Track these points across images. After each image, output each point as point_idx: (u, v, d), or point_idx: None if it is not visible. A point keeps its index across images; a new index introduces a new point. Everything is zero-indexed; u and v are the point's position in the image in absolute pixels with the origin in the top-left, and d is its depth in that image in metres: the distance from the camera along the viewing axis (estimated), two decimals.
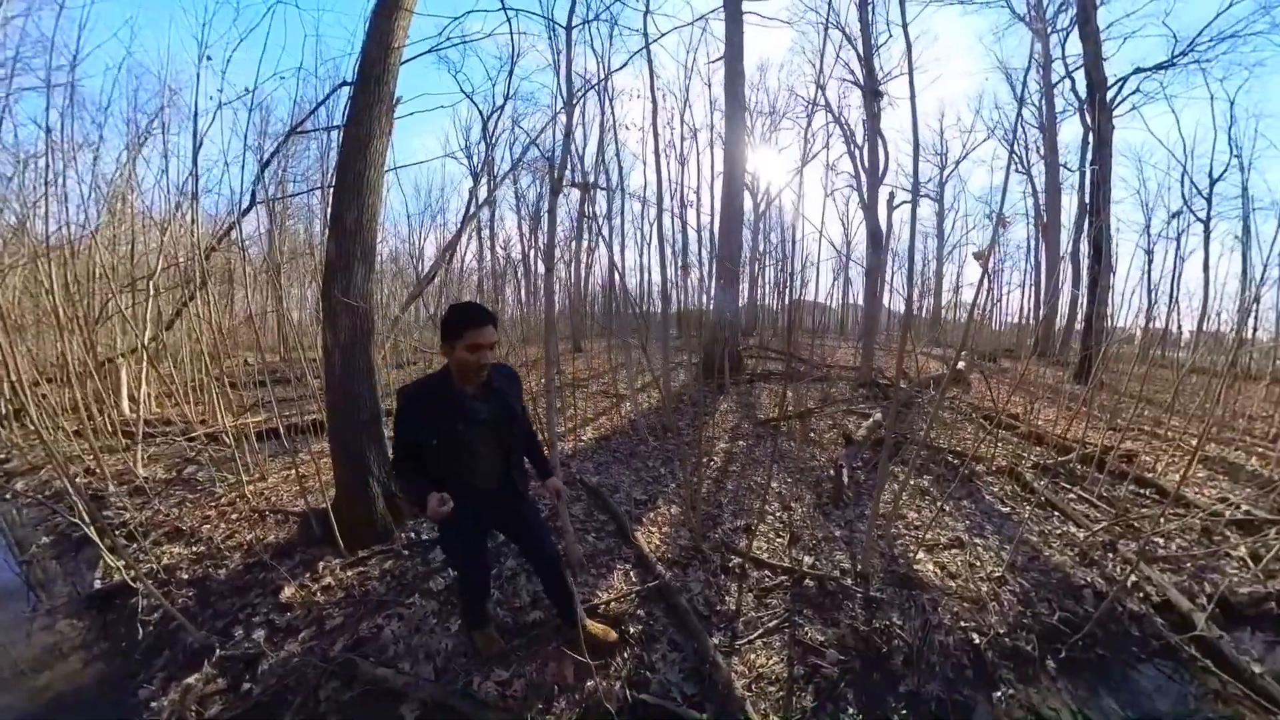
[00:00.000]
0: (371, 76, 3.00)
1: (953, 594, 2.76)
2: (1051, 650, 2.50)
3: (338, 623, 2.32)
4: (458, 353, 1.58)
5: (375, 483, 3.01)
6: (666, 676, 2.05)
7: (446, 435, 1.63)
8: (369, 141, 2.93)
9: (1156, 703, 2.36)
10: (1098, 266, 10.35)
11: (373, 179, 2.96)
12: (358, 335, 2.90)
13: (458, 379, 1.66)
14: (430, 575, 2.65)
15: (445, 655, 2.09)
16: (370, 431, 3.03)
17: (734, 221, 8.79)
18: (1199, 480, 4.67)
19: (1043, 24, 14.85)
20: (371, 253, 3.04)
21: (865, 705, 2.13)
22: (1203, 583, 3.12)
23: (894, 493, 4.04)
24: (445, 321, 1.59)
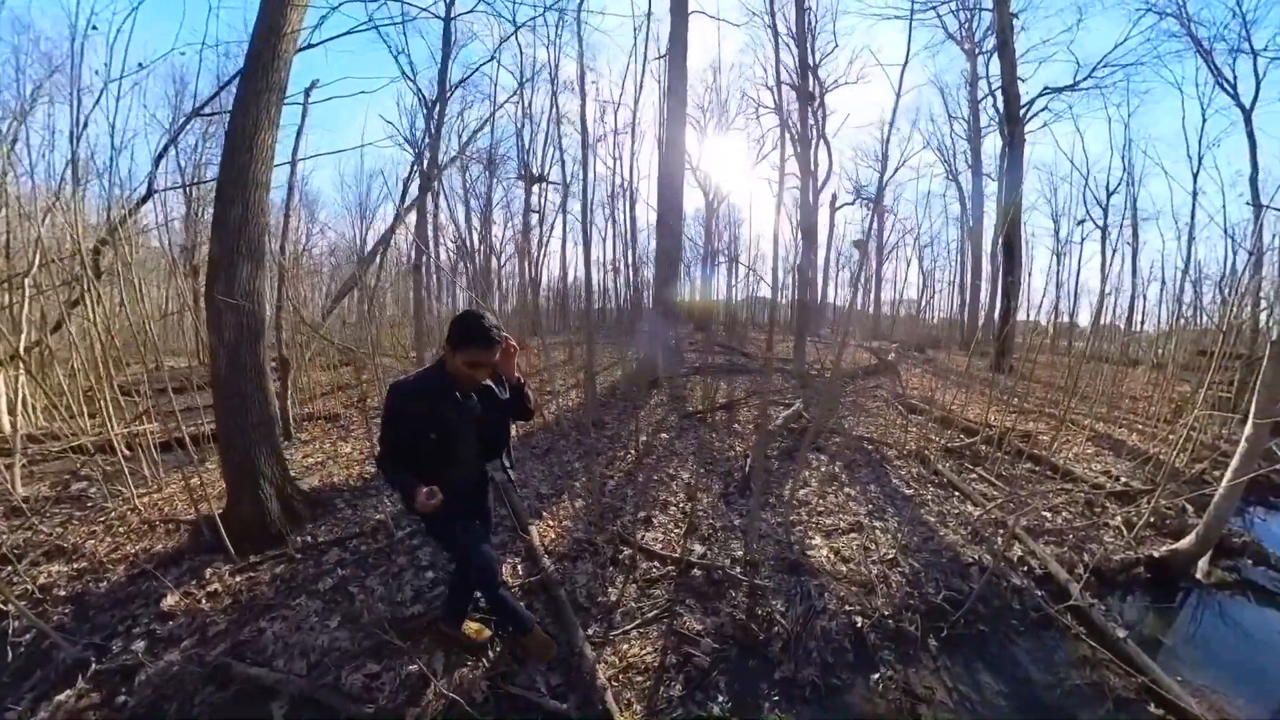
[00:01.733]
0: (259, 64, 2.86)
1: (842, 578, 2.70)
2: (934, 629, 2.48)
3: (221, 628, 2.26)
4: (457, 361, 1.63)
5: (267, 485, 2.92)
6: (535, 668, 2.04)
7: (442, 428, 1.66)
8: (256, 133, 2.82)
9: (1030, 673, 2.36)
10: (1010, 266, 11.27)
11: (259, 173, 2.85)
12: (244, 335, 2.82)
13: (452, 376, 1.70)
14: (320, 576, 2.60)
15: (320, 651, 2.08)
16: (260, 433, 2.93)
17: (674, 217, 8.72)
18: (1088, 456, 4.93)
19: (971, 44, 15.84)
20: (258, 249, 2.92)
21: (737, 693, 2.07)
22: (1082, 553, 3.23)
23: (804, 479, 4.01)
24: (456, 329, 1.61)
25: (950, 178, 20.48)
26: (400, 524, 3.10)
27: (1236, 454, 3.07)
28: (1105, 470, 4.52)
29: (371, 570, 2.66)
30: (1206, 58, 13.25)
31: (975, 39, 15.53)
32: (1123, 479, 4.24)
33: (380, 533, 3.03)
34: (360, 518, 3.23)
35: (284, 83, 3.01)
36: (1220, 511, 3.06)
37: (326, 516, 3.24)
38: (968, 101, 17.02)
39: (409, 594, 2.46)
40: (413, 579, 2.58)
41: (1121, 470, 4.47)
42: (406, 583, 2.54)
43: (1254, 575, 3.30)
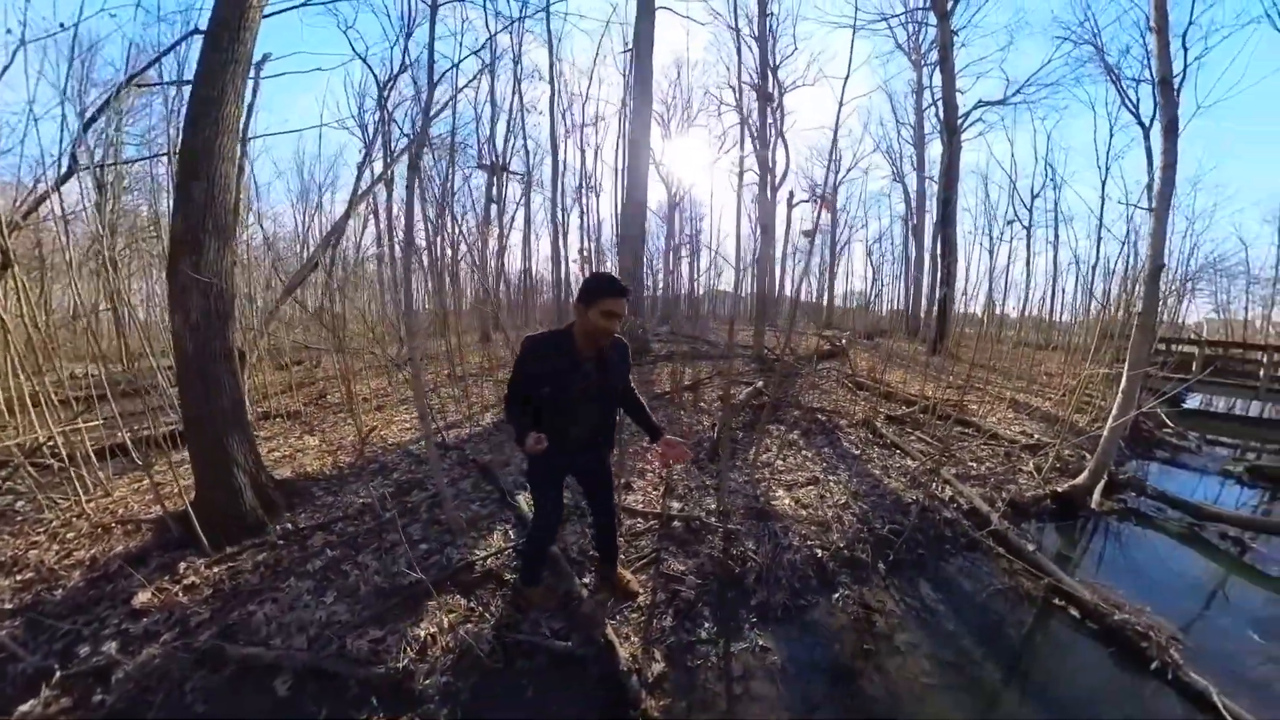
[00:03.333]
0: (225, 31, 2.74)
1: (803, 520, 3.05)
2: (883, 555, 2.86)
3: (205, 617, 2.19)
4: (591, 315, 1.74)
5: (241, 473, 2.79)
6: (537, 617, 2.14)
7: (557, 387, 1.80)
8: (221, 105, 2.71)
9: (962, 584, 2.80)
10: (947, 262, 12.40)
11: (225, 146, 2.74)
12: (213, 316, 2.71)
13: (580, 340, 1.82)
14: (308, 559, 2.55)
15: (319, 625, 2.07)
16: (232, 418, 2.80)
17: (637, 209, 8.93)
18: (1009, 420, 5.59)
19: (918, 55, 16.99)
20: (227, 227, 2.81)
21: (721, 619, 2.35)
22: (1001, 491, 3.75)
23: (766, 445, 4.37)
24: (588, 285, 1.77)
25: (897, 179, 21.85)
26: (387, 506, 3.07)
27: (1116, 402, 3.66)
28: (1023, 431, 5.16)
29: (363, 548, 2.64)
30: (1115, 82, 14.89)
31: (921, 51, 16.67)
32: (1035, 436, 4.87)
33: (367, 515, 3.00)
34: (343, 503, 3.19)
35: (249, 53, 2.89)
36: (1106, 448, 3.64)
37: (304, 504, 3.18)
38: (914, 109, 18.23)
39: (404, 565, 2.44)
40: (407, 552, 2.53)
41: (1035, 429, 5.12)
42: (400, 556, 2.52)
43: (1136, 504, 3.94)
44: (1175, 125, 3.54)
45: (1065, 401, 5.88)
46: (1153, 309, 3.61)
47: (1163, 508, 3.88)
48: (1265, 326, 17.39)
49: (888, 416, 5.29)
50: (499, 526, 2.89)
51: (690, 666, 2.07)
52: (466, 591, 2.30)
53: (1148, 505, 3.94)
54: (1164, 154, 3.55)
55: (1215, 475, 5.06)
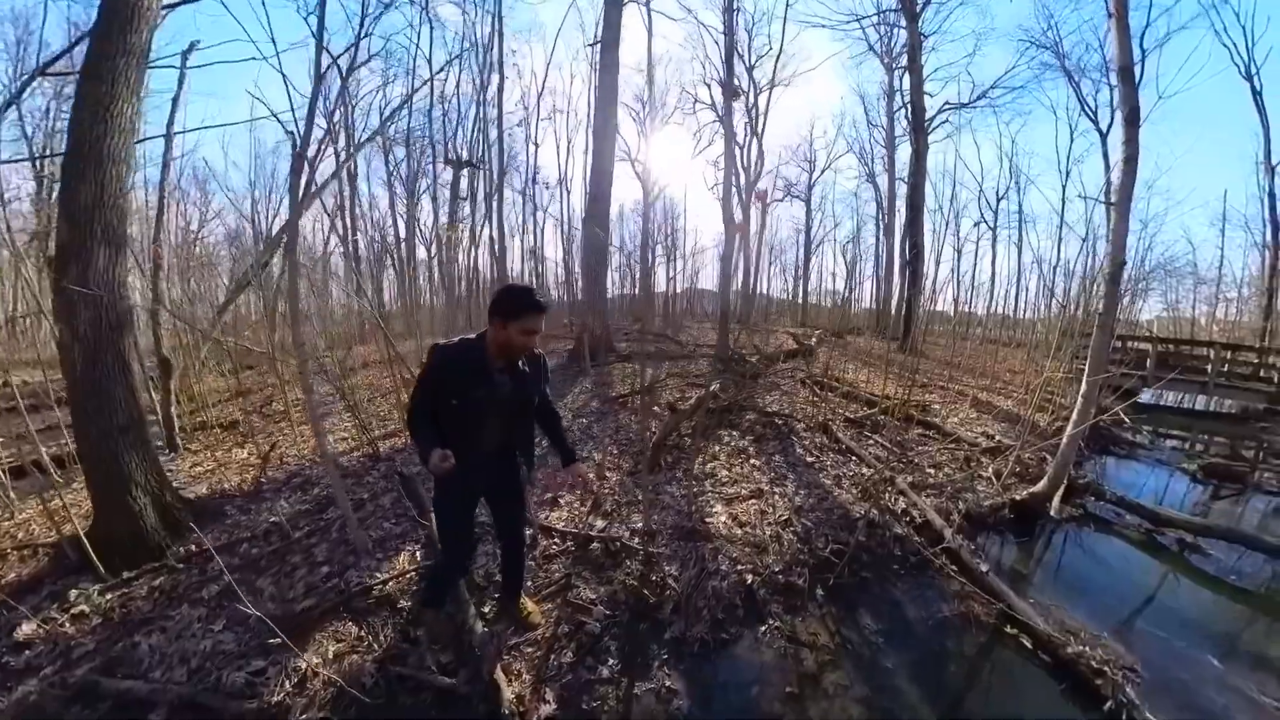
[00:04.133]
0: (116, 21, 2.57)
1: (737, 541, 2.76)
2: (822, 580, 2.58)
3: (89, 649, 2.08)
4: (509, 331, 1.64)
5: (141, 494, 2.67)
6: (425, 650, 2.00)
7: (466, 399, 1.68)
8: (111, 102, 2.54)
9: (906, 610, 2.53)
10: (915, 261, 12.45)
11: (116, 147, 2.57)
12: (104, 329, 2.57)
13: (493, 351, 1.71)
14: (205, 584, 2.43)
15: (202, 656, 1.98)
16: (130, 437, 2.65)
17: (602, 206, 8.64)
18: (972, 420, 5.42)
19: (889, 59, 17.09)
20: (118, 234, 2.64)
21: (627, 655, 2.08)
22: (958, 501, 3.52)
23: (714, 453, 4.08)
24: (505, 300, 1.65)
25: (869, 179, 21.97)
26: (298, 525, 2.92)
27: (1076, 407, 3.47)
28: (984, 431, 4.98)
29: (263, 572, 2.50)
30: (1075, 88, 15.24)
31: (893, 54, 16.78)
32: (996, 437, 4.69)
33: (274, 535, 2.84)
34: (254, 522, 3.02)
35: (146, 45, 2.71)
36: (1065, 456, 3.44)
37: (214, 524, 3.02)
38: (885, 112, 18.36)
39: (301, 590, 2.35)
40: (306, 575, 2.46)
41: (997, 430, 4.94)
42: (300, 579, 2.42)
43: (1095, 509, 3.77)
44: (1136, 115, 3.36)
45: (1027, 401, 5.74)
46: (1112, 308, 3.43)
47: (1121, 512, 3.72)
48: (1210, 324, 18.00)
49: (847, 419, 5.06)
50: (408, 547, 2.71)
51: (585, 709, 1.85)
52: (359, 618, 2.15)
53: (1106, 510, 3.77)
54: (1125, 145, 3.35)
55: (1170, 471, 5.03)
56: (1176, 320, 19.38)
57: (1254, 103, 13.48)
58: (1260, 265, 14.89)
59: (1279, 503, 4.36)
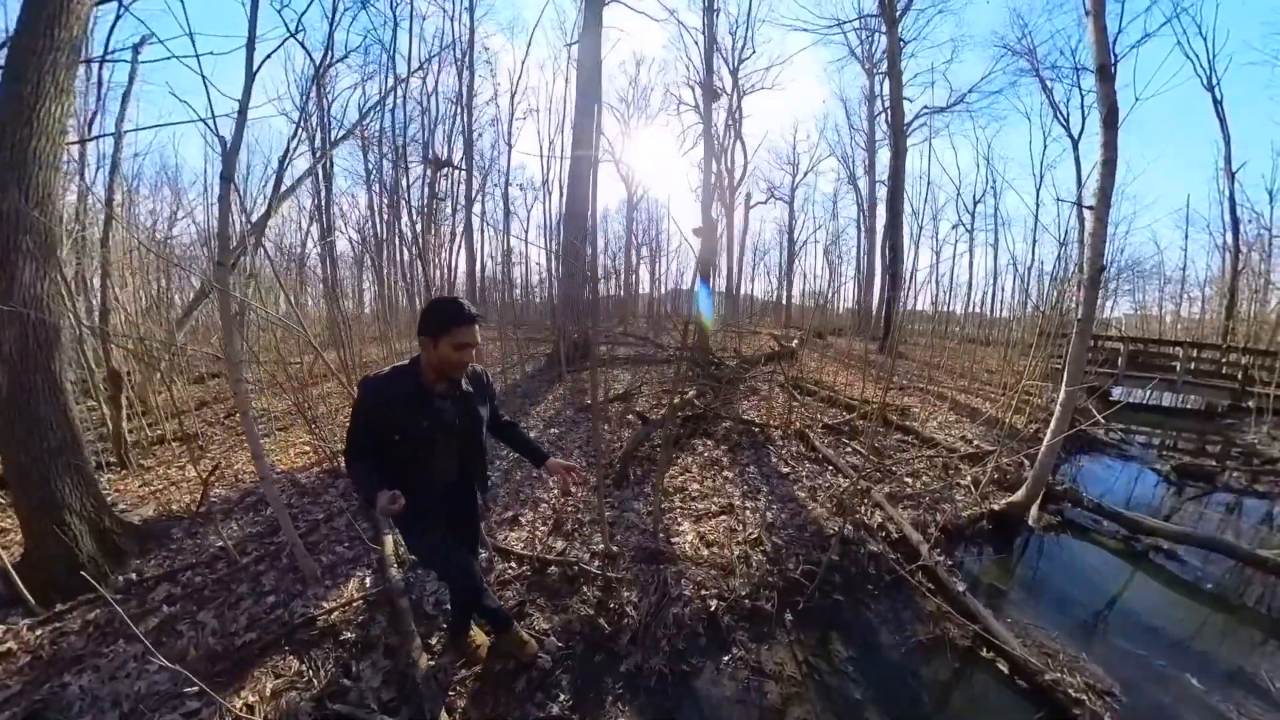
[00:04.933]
0: (43, 15, 2.43)
1: (702, 563, 2.61)
2: (791, 604, 2.44)
3: (14, 692, 1.95)
4: (440, 349, 1.50)
5: (76, 520, 2.55)
6: (369, 684, 1.89)
7: (409, 433, 1.55)
8: (37, 102, 2.40)
9: (880, 635, 2.40)
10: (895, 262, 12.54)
11: (44, 151, 2.43)
12: (31, 347, 2.44)
13: (429, 375, 1.57)
14: (144, 616, 2.31)
15: (135, 698, 1.86)
16: (63, 461, 2.53)
17: (580, 206, 8.48)
18: (950, 424, 5.36)
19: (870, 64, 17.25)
20: (45, 244, 2.48)
21: (579, 689, 1.94)
22: (935, 513, 3.41)
23: (684, 466, 3.93)
24: (431, 315, 1.50)
25: (850, 182, 22.16)
26: (246, 550, 2.79)
27: (1054, 417, 3.39)
28: (963, 435, 4.92)
29: (207, 603, 2.36)
30: (1048, 94, 15.52)
31: (874, 60, 16.93)
32: (975, 442, 4.62)
33: (221, 561, 2.71)
34: (199, 546, 2.87)
35: (78, 40, 2.57)
36: (1044, 465, 3.36)
37: (159, 549, 2.87)
38: (866, 116, 18.52)
39: (244, 622, 2.24)
40: (251, 606, 2.34)
41: (975, 434, 4.88)
42: (244, 611, 2.31)
43: (1074, 516, 3.70)
44: (1115, 116, 3.26)
45: (1004, 403, 5.71)
46: (1091, 315, 3.29)
47: (1099, 519, 3.67)
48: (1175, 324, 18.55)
49: (825, 426, 4.95)
50: (358, 573, 2.57)
51: None
52: (301, 651, 2.04)
53: (1084, 517, 3.71)
54: (1104, 147, 3.21)
55: (1144, 470, 5.05)
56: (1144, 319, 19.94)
57: (1215, 112, 13.88)
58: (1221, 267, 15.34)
59: (1249, 504, 4.37)
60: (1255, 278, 14.13)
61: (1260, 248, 14.33)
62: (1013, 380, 6.28)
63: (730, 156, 21.67)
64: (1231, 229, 14.00)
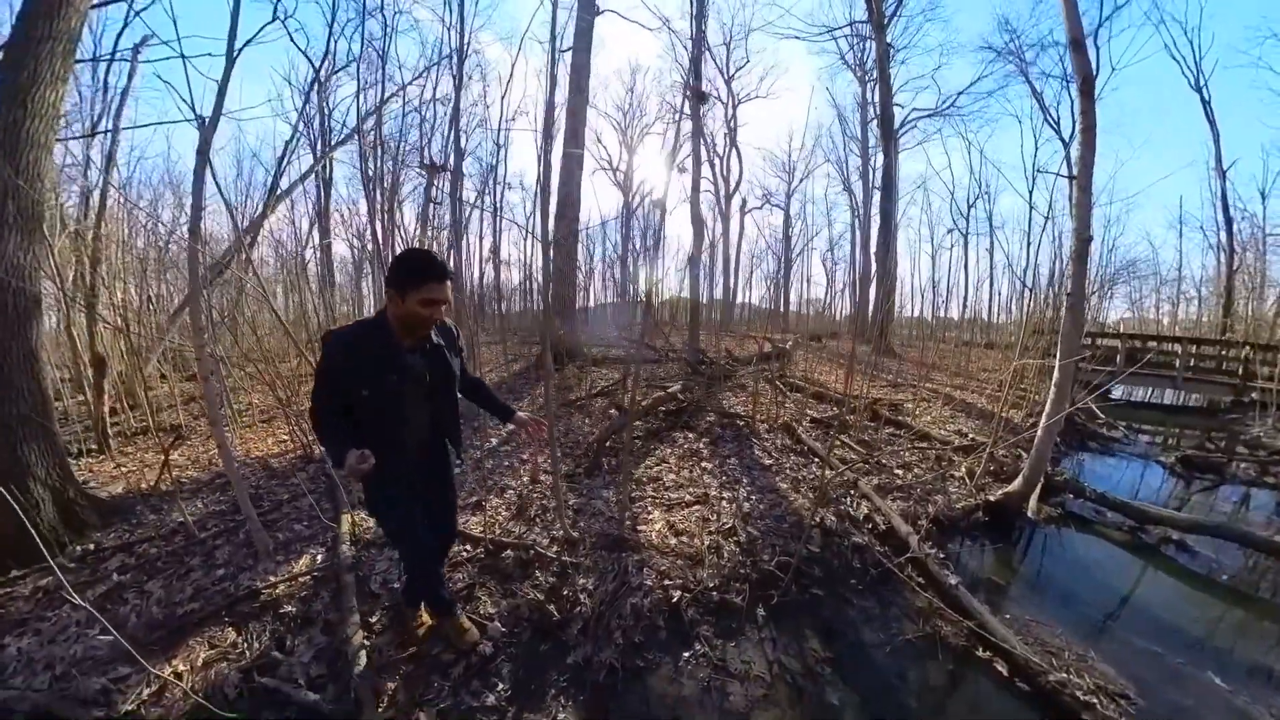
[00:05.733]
0: (43, 6, 2.56)
1: (669, 552, 2.38)
2: (764, 598, 2.20)
3: None
4: (408, 304, 1.44)
5: (40, 487, 2.57)
6: (300, 659, 1.82)
7: (377, 388, 1.48)
8: (33, 86, 2.52)
9: (862, 634, 2.16)
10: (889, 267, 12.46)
11: (36, 132, 2.55)
12: (10, 314, 2.52)
13: (397, 330, 1.51)
14: (93, 584, 2.30)
15: (69, 662, 1.83)
16: (32, 428, 2.57)
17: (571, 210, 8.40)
18: (945, 419, 5.14)
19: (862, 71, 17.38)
20: (32, 219, 2.58)
21: (520, 680, 1.76)
22: (927, 505, 3.18)
23: (662, 457, 3.70)
24: (402, 267, 1.44)
25: (845, 188, 22.18)
26: (206, 525, 2.75)
27: (1049, 398, 3.18)
28: (957, 429, 4.70)
29: (158, 574, 2.33)
30: (1037, 98, 15.53)
31: (865, 67, 17.04)
32: (969, 435, 4.40)
33: (179, 535, 2.68)
34: (161, 522, 2.83)
35: (75, 32, 2.71)
36: (1041, 450, 3.14)
37: (122, 523, 2.86)
38: (859, 122, 18.58)
39: (189, 593, 2.20)
40: (200, 578, 2.30)
41: (970, 428, 4.66)
42: (192, 582, 2.27)
43: (1075, 508, 3.47)
44: (1091, 85, 3.19)
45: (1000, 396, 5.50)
46: (1081, 289, 3.18)
47: (1102, 510, 3.43)
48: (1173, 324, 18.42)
49: (813, 420, 4.73)
50: (311, 550, 2.52)
51: None
52: (240, 623, 1.99)
53: (1087, 508, 3.48)
54: (1082, 115, 3.19)
55: (1147, 464, 4.85)
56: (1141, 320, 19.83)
57: (1203, 112, 13.92)
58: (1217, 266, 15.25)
59: (1259, 494, 4.14)
60: (1251, 276, 14.02)
61: (1255, 246, 14.25)
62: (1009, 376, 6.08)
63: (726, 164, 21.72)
64: (1225, 228, 13.93)
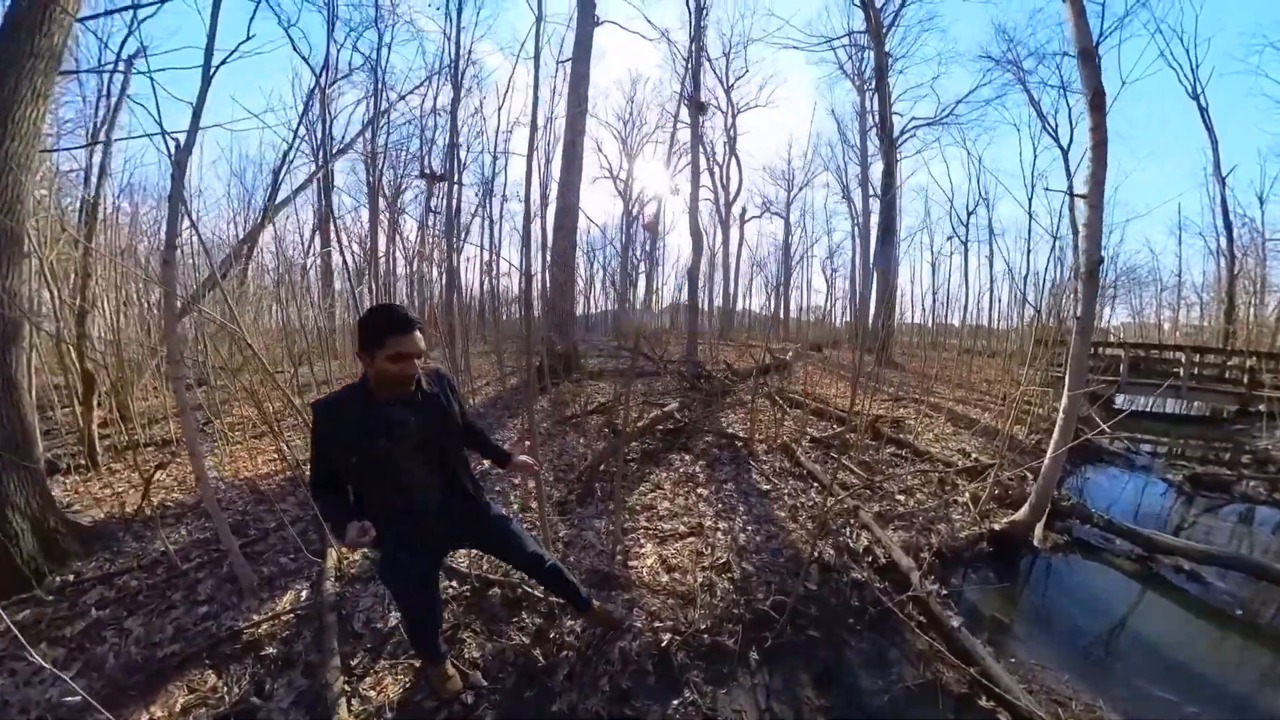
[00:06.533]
0: (25, 23, 2.51)
1: (660, 591, 2.30)
2: (758, 640, 2.12)
3: None
4: (378, 363, 1.41)
5: (19, 517, 2.49)
6: (279, 704, 1.77)
7: (366, 453, 1.45)
8: (13, 105, 2.47)
9: (860, 679, 2.07)
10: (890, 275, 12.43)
11: (18, 152, 2.49)
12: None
13: (377, 389, 1.47)
14: (72, 620, 2.20)
15: (44, 707, 1.79)
16: (10, 455, 2.49)
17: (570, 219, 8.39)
18: (947, 436, 5.04)
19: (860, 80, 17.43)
20: (13, 244, 2.52)
21: None
22: (930, 534, 3.09)
23: (657, 482, 3.63)
24: (364, 326, 1.41)
25: (845, 197, 22.17)
26: (190, 556, 2.67)
27: (1057, 426, 3.09)
28: (960, 449, 4.61)
29: (139, 609, 2.26)
30: (1035, 106, 15.53)
31: (864, 76, 17.10)
32: (973, 455, 4.31)
33: (161, 566, 2.61)
34: (144, 550, 2.76)
35: (58, 50, 2.67)
36: (1048, 479, 3.05)
37: (103, 551, 2.79)
38: (858, 131, 18.63)
39: (170, 632, 2.14)
40: (181, 615, 2.23)
41: (973, 447, 4.57)
42: (172, 620, 2.20)
43: (1082, 534, 3.37)
44: (1101, 99, 3.07)
45: (1004, 413, 5.41)
46: (1090, 311, 3.05)
47: (1111, 537, 3.33)
48: (1174, 330, 18.26)
49: (813, 439, 4.65)
50: (296, 585, 2.45)
51: None
52: (221, 666, 1.93)
53: (1094, 535, 3.38)
54: (1092, 131, 3.03)
55: (1153, 481, 4.74)
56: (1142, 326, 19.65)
57: (1201, 119, 13.86)
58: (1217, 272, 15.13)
59: (1270, 515, 4.03)
60: (1252, 281, 13.91)
61: (1255, 252, 14.14)
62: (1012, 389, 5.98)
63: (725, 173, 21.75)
64: (1225, 234, 13.83)
